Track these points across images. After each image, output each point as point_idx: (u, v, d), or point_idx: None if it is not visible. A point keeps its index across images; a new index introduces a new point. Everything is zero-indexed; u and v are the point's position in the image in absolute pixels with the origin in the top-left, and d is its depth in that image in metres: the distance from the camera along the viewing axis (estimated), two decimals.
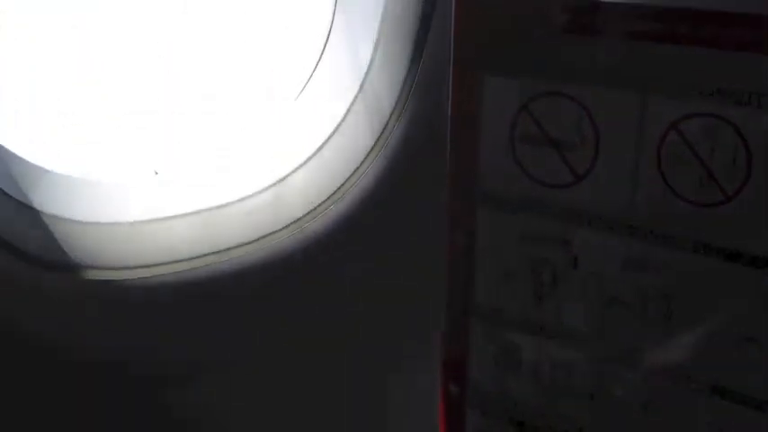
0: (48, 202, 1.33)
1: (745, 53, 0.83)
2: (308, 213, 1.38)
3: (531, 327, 1.07)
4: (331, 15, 1.46)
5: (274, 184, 1.44)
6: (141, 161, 1.48)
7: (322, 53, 1.49)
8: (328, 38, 1.48)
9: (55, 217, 1.32)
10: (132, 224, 1.38)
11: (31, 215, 1.30)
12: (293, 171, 1.44)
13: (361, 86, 1.38)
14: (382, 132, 1.35)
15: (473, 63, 1.09)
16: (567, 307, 1.02)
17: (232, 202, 1.43)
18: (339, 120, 1.41)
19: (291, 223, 1.38)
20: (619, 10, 0.93)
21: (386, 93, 1.33)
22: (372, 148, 1.36)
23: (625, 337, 0.99)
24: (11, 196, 1.28)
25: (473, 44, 1.09)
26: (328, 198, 1.38)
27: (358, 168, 1.37)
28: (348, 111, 1.40)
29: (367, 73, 1.37)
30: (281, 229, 1.38)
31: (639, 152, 0.93)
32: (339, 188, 1.38)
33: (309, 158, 1.43)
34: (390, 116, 1.33)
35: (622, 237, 0.95)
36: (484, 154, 1.10)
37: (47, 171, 1.39)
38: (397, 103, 1.32)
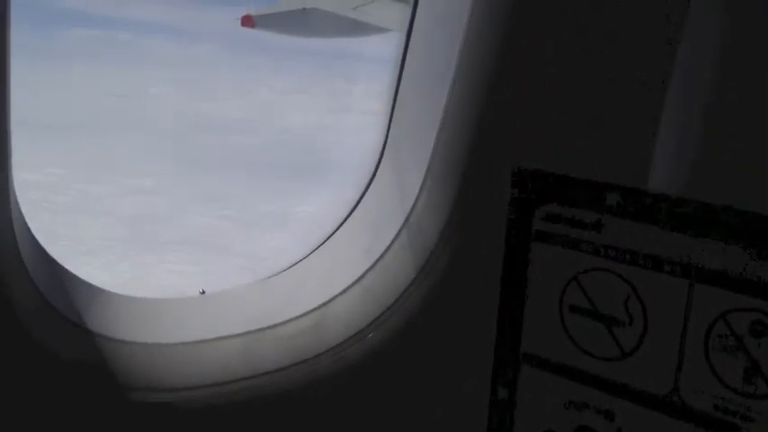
0: (99, 321, 1.37)
1: None
2: (349, 339, 1.41)
3: None
4: (381, 148, 1.52)
5: (316, 309, 1.47)
6: (188, 280, 1.53)
7: (369, 184, 1.54)
8: (377, 170, 1.53)
9: (104, 337, 1.36)
10: (177, 345, 1.41)
11: (83, 335, 1.34)
12: (335, 297, 1.47)
13: (407, 219, 1.42)
14: (425, 263, 1.38)
15: (526, 230, 1.14)
16: None
17: (274, 326, 1.46)
18: (383, 249, 1.45)
19: (332, 348, 1.41)
20: (668, 200, 0.97)
21: (430, 226, 1.37)
22: (415, 279, 1.39)
23: None
24: (66, 317, 1.32)
25: (526, 214, 1.15)
26: (369, 325, 1.41)
27: (399, 297, 1.39)
28: (392, 241, 1.44)
29: (413, 207, 1.41)
30: (321, 354, 1.41)
31: (686, 337, 0.96)
32: (380, 315, 1.40)
33: (352, 285, 1.46)
34: (434, 248, 1.37)
35: (668, 415, 0.98)
36: (531, 316, 1.14)
37: (100, 290, 1.43)
38: (440, 237, 1.36)
